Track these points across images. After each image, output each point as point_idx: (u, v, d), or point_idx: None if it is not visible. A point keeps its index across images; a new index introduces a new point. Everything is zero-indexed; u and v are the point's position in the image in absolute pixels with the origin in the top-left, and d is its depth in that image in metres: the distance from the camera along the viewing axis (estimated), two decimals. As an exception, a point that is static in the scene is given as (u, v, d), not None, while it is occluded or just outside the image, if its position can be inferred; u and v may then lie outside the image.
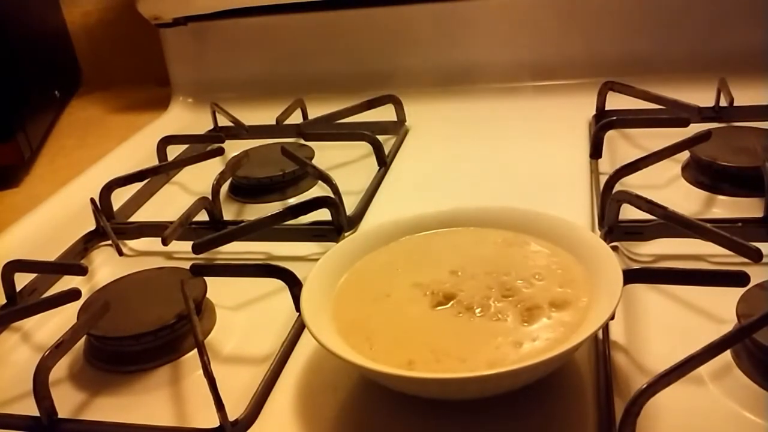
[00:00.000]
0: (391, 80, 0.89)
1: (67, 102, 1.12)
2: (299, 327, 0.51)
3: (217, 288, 0.56)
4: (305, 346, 0.50)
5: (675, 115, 0.71)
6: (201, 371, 0.44)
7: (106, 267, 0.65)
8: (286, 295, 0.52)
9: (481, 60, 0.90)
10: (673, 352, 0.40)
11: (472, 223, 0.54)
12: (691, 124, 0.67)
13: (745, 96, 0.72)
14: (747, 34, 0.82)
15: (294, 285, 0.51)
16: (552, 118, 0.81)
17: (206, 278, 0.55)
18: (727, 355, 0.44)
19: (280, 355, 0.49)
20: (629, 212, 0.57)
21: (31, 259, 0.61)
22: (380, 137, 0.75)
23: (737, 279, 0.45)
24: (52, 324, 0.57)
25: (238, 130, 0.84)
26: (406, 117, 0.83)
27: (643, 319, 0.49)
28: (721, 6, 0.82)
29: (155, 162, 0.79)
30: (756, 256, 0.48)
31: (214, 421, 0.43)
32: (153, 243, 0.64)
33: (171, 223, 0.61)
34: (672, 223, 0.53)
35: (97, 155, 0.87)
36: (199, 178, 0.76)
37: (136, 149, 0.87)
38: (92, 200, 0.68)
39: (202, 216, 0.65)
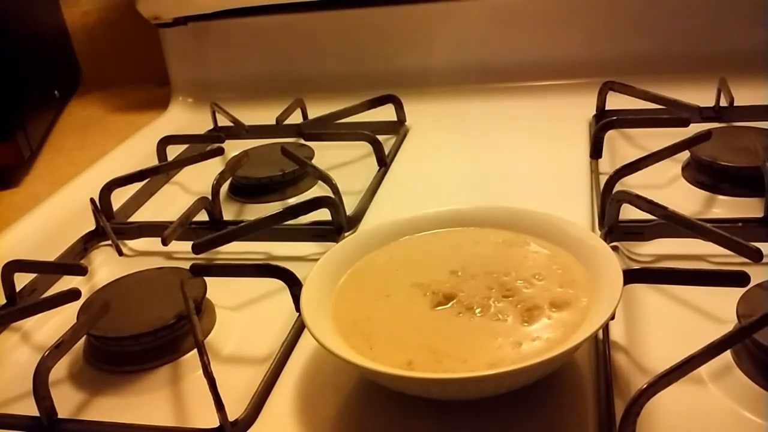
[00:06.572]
0: (391, 80, 0.89)
1: (67, 102, 1.12)
2: (299, 327, 0.51)
3: (217, 288, 0.56)
4: (305, 346, 0.50)
5: (675, 115, 0.71)
6: (201, 371, 0.44)
7: (106, 267, 0.65)
8: (286, 295, 0.52)
9: (481, 60, 0.90)
10: (673, 352, 0.40)
11: (472, 223, 0.54)
12: (692, 124, 0.67)
13: (745, 96, 0.72)
14: (747, 34, 0.82)
15: (294, 285, 0.51)
16: (552, 118, 0.81)
17: (206, 278, 0.55)
18: (727, 355, 0.44)
19: (280, 355, 0.49)
20: (629, 212, 0.57)
21: (31, 259, 0.61)
22: (380, 137, 0.75)
23: (737, 279, 0.45)
24: (52, 324, 0.57)
25: (238, 130, 0.84)
26: (406, 117, 0.83)
27: (643, 319, 0.49)
28: (721, 6, 0.82)
29: (155, 162, 0.79)
30: (756, 256, 0.48)
31: (214, 421, 0.43)
32: (153, 243, 0.64)
33: (171, 223, 0.61)
34: (672, 223, 0.53)
35: (97, 155, 0.87)
36: (199, 178, 0.76)
37: (136, 149, 0.87)
38: (92, 200, 0.68)
39: (202, 216, 0.65)
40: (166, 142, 0.81)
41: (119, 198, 0.71)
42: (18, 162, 0.88)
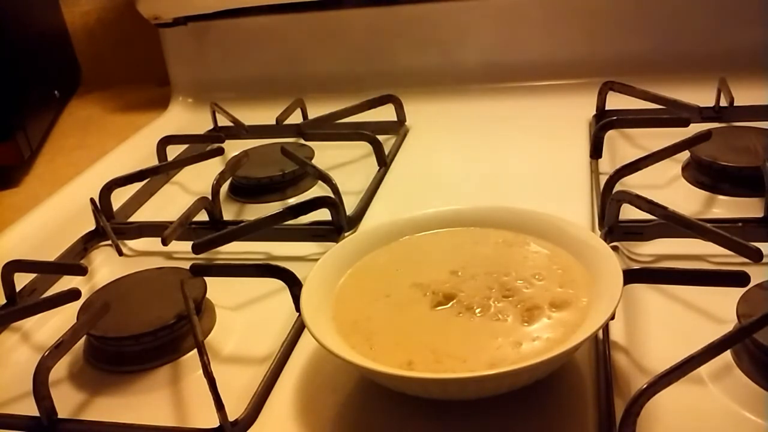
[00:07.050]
0: (391, 80, 0.89)
1: (67, 102, 1.12)
2: (299, 327, 0.51)
3: (217, 288, 0.56)
4: (305, 346, 0.50)
5: (675, 115, 0.71)
6: (201, 371, 0.44)
7: (106, 267, 0.65)
8: (286, 295, 0.52)
9: (481, 60, 0.90)
10: (673, 352, 0.40)
11: (472, 223, 0.54)
12: (692, 124, 0.67)
13: (745, 96, 0.72)
14: (747, 34, 0.82)
15: (294, 285, 0.51)
16: (552, 118, 0.81)
17: (206, 278, 0.55)
18: (727, 355, 0.44)
19: (280, 355, 0.49)
20: (629, 212, 0.57)
21: (31, 259, 0.61)
22: (380, 137, 0.75)
23: (737, 279, 0.45)
24: (52, 324, 0.57)
25: (238, 130, 0.84)
26: (406, 117, 0.83)
27: (643, 319, 0.49)
28: (721, 6, 0.82)
29: (155, 162, 0.79)
30: (756, 256, 0.48)
31: (214, 421, 0.43)
32: (153, 243, 0.64)
33: (171, 223, 0.61)
34: (672, 223, 0.53)
35: (97, 155, 0.87)
36: (199, 178, 0.76)
37: (136, 149, 0.87)
38: (92, 200, 0.68)
39: (202, 216, 0.65)
40: (166, 142, 0.81)
41: (119, 198, 0.71)
42: (18, 162, 0.89)
